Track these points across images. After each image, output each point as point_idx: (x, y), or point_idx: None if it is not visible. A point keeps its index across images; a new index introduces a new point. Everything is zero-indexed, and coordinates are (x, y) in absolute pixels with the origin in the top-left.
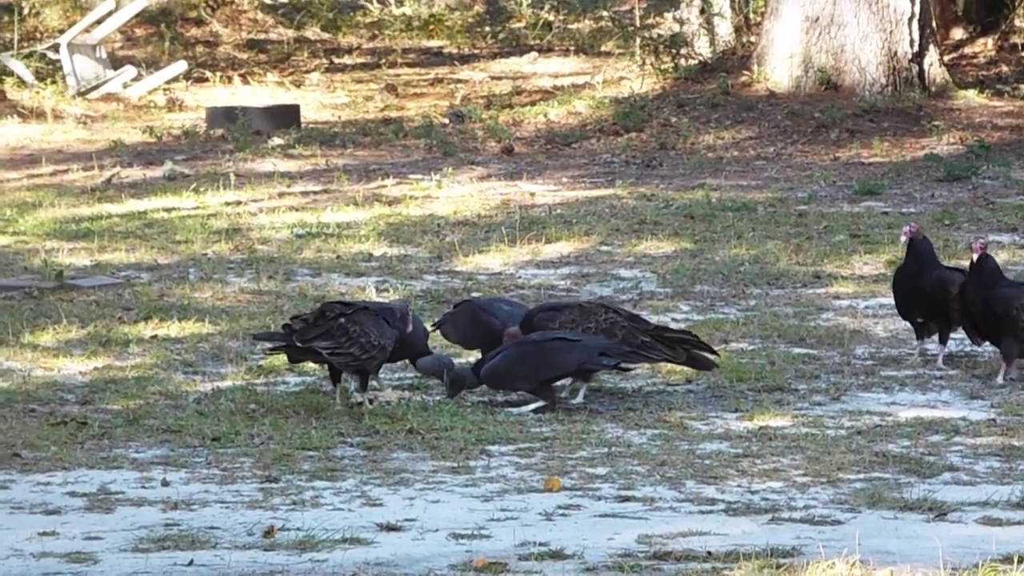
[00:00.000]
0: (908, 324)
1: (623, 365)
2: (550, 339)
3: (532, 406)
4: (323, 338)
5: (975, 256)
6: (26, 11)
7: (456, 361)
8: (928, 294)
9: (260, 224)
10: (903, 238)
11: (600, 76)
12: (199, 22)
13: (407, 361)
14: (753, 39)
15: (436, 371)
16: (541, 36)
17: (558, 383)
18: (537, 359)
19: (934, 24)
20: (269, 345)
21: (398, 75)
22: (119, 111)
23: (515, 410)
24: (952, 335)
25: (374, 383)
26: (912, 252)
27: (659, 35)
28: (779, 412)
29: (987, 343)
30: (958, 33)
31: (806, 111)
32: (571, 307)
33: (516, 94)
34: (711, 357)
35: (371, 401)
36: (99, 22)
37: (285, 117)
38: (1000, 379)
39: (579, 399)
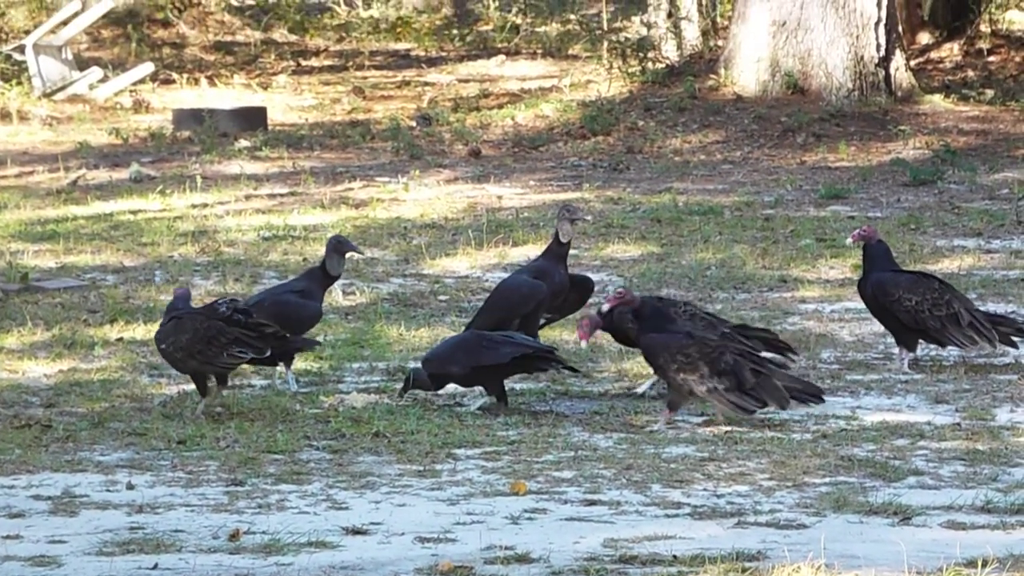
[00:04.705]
0: (874, 328)
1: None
2: (499, 335)
3: (478, 403)
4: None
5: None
6: None
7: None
8: (870, 297)
9: (227, 226)
10: (848, 240)
11: (567, 79)
12: (166, 24)
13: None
14: (720, 43)
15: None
16: (508, 39)
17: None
18: (474, 347)
19: (900, 29)
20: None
21: (365, 77)
22: (85, 112)
23: (463, 408)
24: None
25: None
26: (865, 256)
27: (626, 38)
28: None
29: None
30: (924, 38)
31: (773, 115)
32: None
33: (483, 97)
34: (789, 355)
35: (338, 405)
36: (65, 23)
37: (252, 119)
38: (660, 425)
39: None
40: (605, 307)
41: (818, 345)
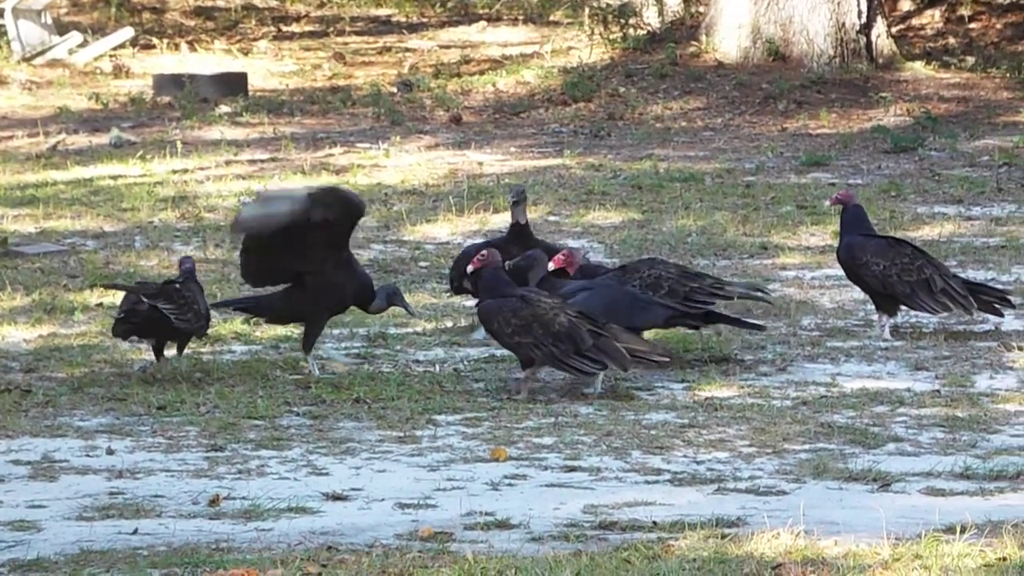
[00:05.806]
0: (854, 295)
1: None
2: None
3: (598, 385)
4: (165, 299)
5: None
6: None
7: None
8: (843, 261)
9: (207, 192)
10: (827, 203)
11: (549, 46)
12: None
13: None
14: (702, 9)
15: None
16: (490, 5)
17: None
18: (629, 306)
19: None
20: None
21: (346, 43)
22: (65, 77)
23: (588, 390)
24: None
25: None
26: (841, 221)
27: (608, 5)
28: (725, 383)
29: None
30: (906, 4)
31: (754, 82)
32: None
33: (465, 63)
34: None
35: (320, 369)
36: None
37: (233, 85)
38: (521, 395)
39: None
40: (469, 268)
41: (799, 312)
